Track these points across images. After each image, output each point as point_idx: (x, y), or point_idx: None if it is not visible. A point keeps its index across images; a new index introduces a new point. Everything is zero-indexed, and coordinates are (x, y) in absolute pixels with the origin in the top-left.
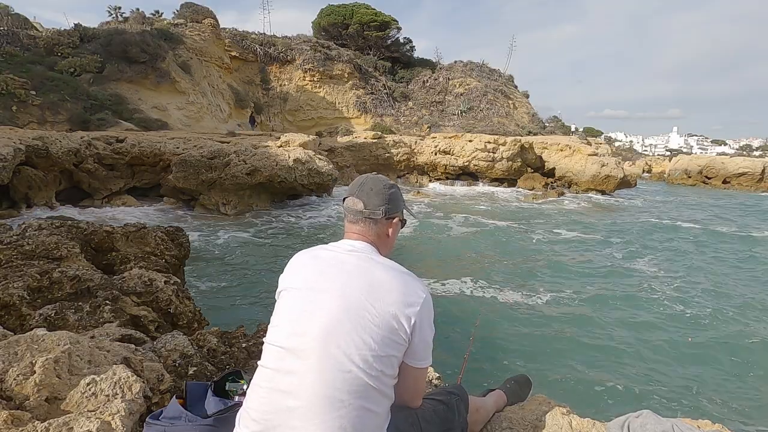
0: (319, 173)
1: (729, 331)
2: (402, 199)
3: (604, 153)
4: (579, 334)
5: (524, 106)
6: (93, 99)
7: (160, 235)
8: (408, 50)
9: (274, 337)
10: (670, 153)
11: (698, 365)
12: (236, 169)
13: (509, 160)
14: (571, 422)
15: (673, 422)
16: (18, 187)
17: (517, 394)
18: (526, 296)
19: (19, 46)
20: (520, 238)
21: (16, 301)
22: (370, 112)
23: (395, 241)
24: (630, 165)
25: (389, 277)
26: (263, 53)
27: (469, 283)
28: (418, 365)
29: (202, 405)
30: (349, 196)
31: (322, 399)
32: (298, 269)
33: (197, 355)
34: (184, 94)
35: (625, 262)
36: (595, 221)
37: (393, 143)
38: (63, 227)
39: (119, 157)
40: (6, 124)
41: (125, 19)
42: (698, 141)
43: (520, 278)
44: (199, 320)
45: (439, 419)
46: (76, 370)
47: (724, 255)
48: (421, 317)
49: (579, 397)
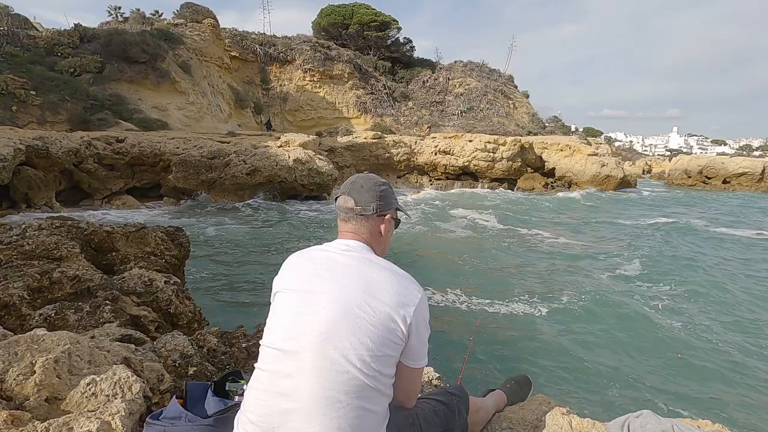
0: (319, 173)
1: (729, 331)
2: (394, 197)
3: (604, 153)
4: (579, 334)
5: (524, 106)
6: (93, 99)
7: (160, 235)
8: (408, 50)
9: (271, 339)
10: (670, 153)
11: (698, 365)
12: (236, 169)
13: (509, 160)
14: (571, 422)
15: (673, 422)
16: (18, 187)
17: (517, 394)
18: (526, 297)
19: (19, 46)
20: (521, 239)
21: (16, 301)
22: (370, 112)
23: (389, 240)
24: (630, 165)
25: (384, 278)
26: (263, 53)
27: (469, 285)
28: (415, 365)
29: (202, 405)
30: (341, 195)
31: (320, 400)
32: (293, 271)
33: (197, 355)
34: (184, 94)
35: (626, 262)
36: (595, 221)
37: (393, 143)
38: (63, 227)
39: (119, 157)
40: (6, 124)
41: (125, 19)
42: (698, 141)
43: (520, 279)
44: (199, 320)
45: (440, 420)
46: (76, 370)
47: (725, 254)
48: (417, 317)
49: (579, 397)
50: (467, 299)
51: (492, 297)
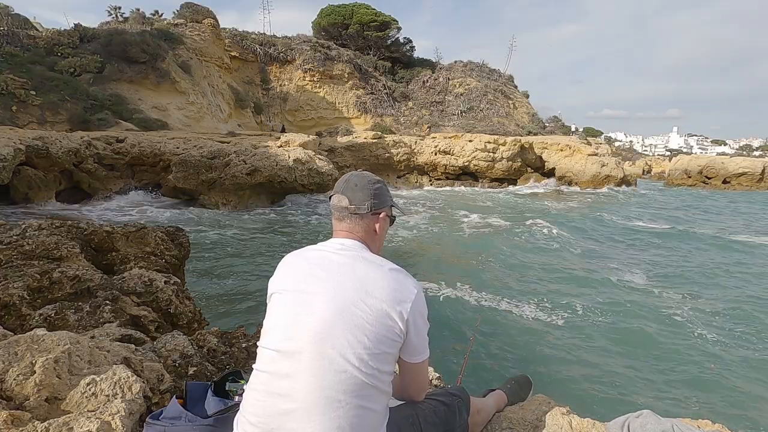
0: (319, 173)
1: (729, 331)
2: (389, 195)
3: (604, 153)
4: (579, 334)
5: (524, 106)
6: (93, 99)
7: (160, 235)
8: (408, 50)
9: (268, 340)
10: (670, 153)
11: (698, 365)
12: (236, 169)
13: (509, 160)
14: (571, 422)
15: (673, 422)
16: (18, 187)
17: (517, 394)
18: (526, 297)
19: (19, 46)
20: (521, 239)
21: (16, 301)
22: (370, 112)
23: (385, 237)
24: (630, 165)
25: (380, 275)
26: (263, 53)
27: (469, 284)
28: (416, 360)
29: (202, 405)
30: (334, 194)
31: (318, 400)
32: (288, 271)
33: (197, 355)
34: (184, 94)
35: (625, 262)
36: (595, 222)
37: (393, 143)
38: (63, 227)
39: (119, 157)
40: (6, 124)
41: (125, 19)
42: (698, 141)
43: (520, 279)
44: (199, 320)
45: (440, 420)
46: (76, 370)
47: (717, 255)
48: (414, 313)
49: (579, 397)
50: (467, 299)
51: (492, 297)
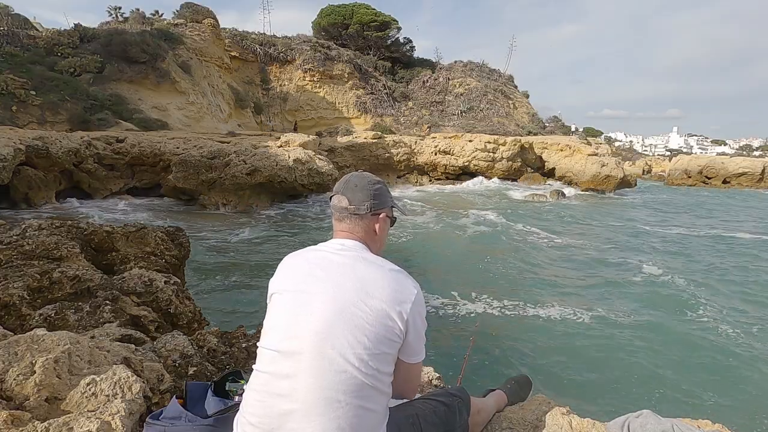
0: (319, 173)
1: (728, 332)
2: (389, 196)
3: (604, 153)
4: (579, 334)
5: (524, 106)
6: (93, 99)
7: (160, 235)
8: (408, 50)
9: (268, 341)
10: (670, 153)
11: (698, 365)
12: (236, 169)
13: (509, 160)
14: (571, 422)
15: (673, 422)
16: (18, 187)
17: (517, 394)
18: (526, 297)
19: (19, 46)
20: (521, 239)
21: (16, 301)
22: (370, 112)
23: (385, 238)
24: (630, 165)
25: (380, 275)
26: (263, 53)
27: (469, 284)
28: (413, 360)
29: (202, 405)
30: (335, 195)
31: (319, 400)
32: (288, 272)
33: (197, 355)
34: (184, 94)
35: (625, 262)
36: (594, 222)
37: (393, 143)
38: (63, 227)
39: (119, 157)
40: (6, 124)
41: (125, 19)
42: (698, 141)
43: (520, 279)
44: (199, 320)
45: (440, 420)
46: (76, 370)
47: (714, 252)
48: (413, 313)
49: (579, 397)
50: (467, 299)
51: (492, 297)
